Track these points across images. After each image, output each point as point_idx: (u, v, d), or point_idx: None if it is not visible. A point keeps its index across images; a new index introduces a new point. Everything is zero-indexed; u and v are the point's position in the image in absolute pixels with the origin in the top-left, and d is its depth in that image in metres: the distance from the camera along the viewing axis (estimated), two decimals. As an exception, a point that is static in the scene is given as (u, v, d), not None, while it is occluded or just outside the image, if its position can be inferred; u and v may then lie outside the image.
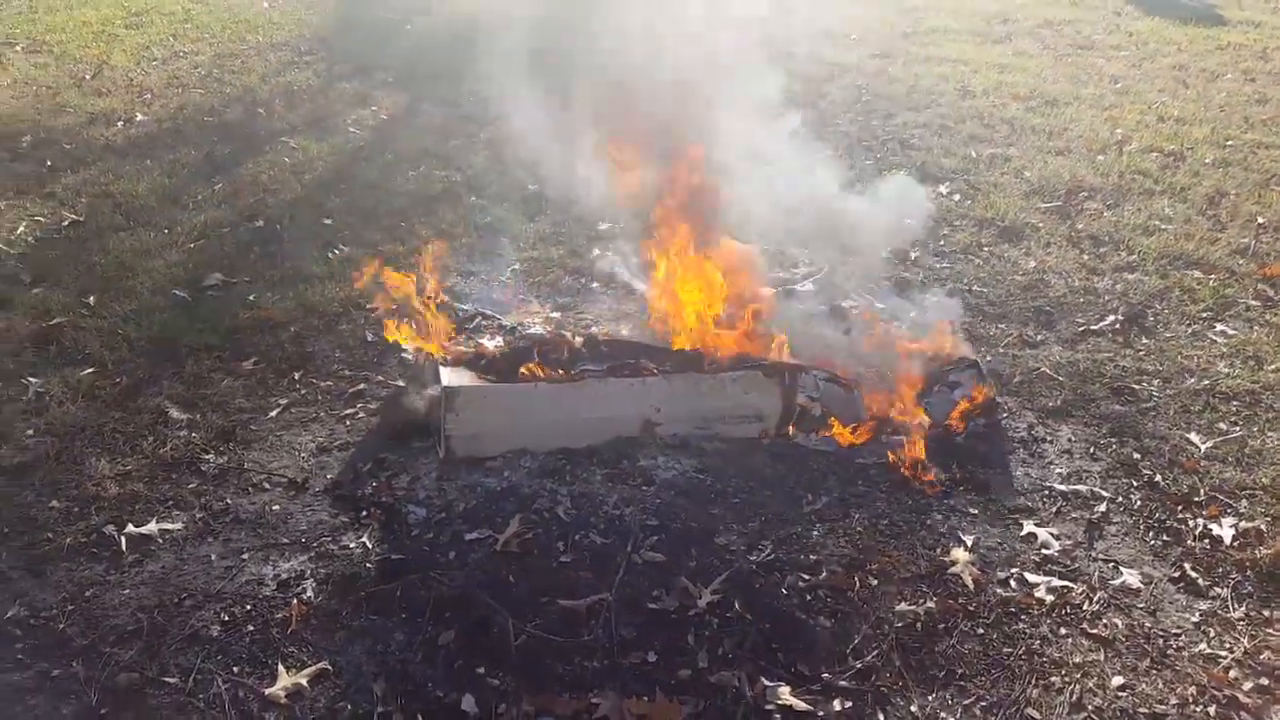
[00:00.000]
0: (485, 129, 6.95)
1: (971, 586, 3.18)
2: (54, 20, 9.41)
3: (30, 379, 4.09)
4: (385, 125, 7.18)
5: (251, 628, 2.96)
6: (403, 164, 6.44)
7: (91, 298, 4.75)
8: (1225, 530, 3.47)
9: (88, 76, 7.94)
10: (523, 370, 3.77)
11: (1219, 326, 4.72)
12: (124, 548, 3.24)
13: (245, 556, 3.23)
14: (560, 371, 3.81)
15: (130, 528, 3.32)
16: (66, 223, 5.55)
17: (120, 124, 7.04)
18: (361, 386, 4.15)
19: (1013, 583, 3.22)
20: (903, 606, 3.08)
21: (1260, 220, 5.79)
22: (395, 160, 6.51)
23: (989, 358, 4.35)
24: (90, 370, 4.20)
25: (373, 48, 8.83)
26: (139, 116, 7.17)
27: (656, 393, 3.71)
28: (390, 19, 9.61)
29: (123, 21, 9.42)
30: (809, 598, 3.08)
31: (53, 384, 4.08)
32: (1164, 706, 2.81)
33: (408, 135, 6.96)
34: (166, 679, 2.78)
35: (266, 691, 2.75)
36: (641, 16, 4.57)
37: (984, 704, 2.79)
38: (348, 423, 3.93)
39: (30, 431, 3.82)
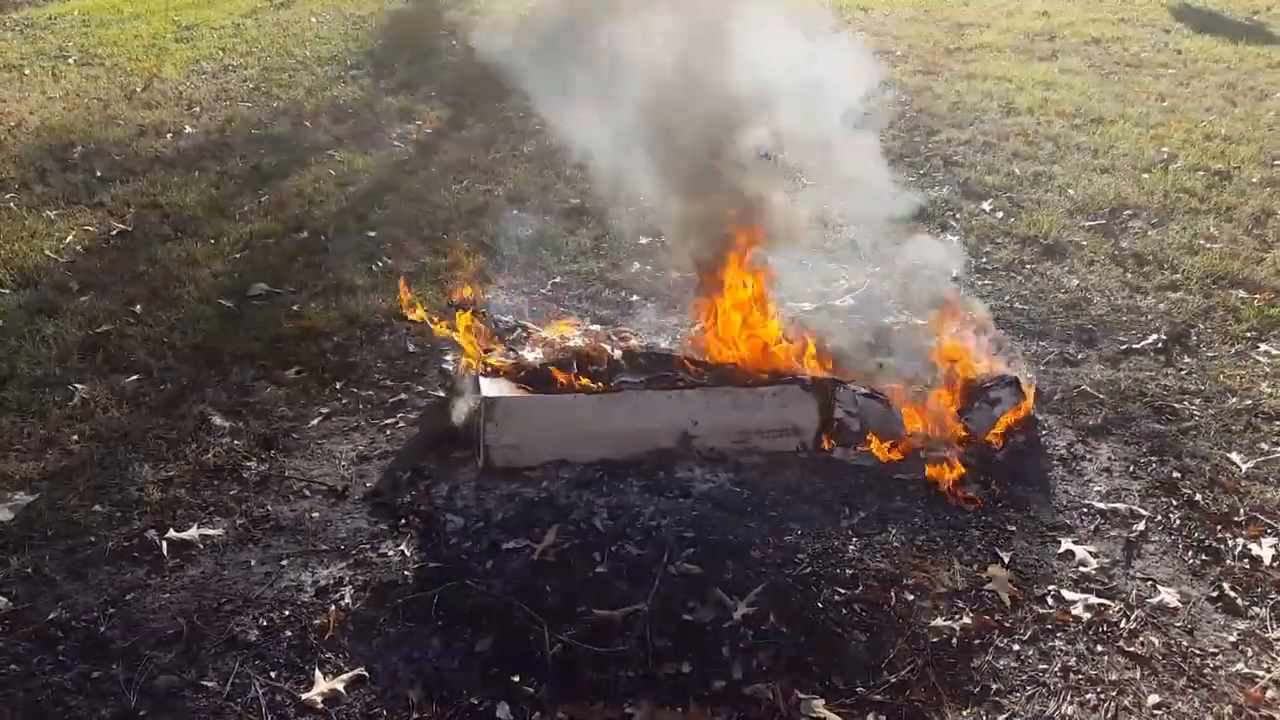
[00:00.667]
0: (527, 142, 7.01)
1: (1008, 603, 3.16)
2: (106, 34, 9.63)
3: (76, 385, 4.17)
4: (429, 139, 7.26)
5: (289, 633, 2.99)
6: (445, 177, 6.51)
7: (138, 306, 4.84)
8: (1265, 550, 3.41)
9: (138, 89, 8.10)
10: (562, 381, 3.79)
11: (1263, 346, 4.65)
12: (165, 552, 3.29)
13: (285, 563, 3.27)
14: (599, 383, 3.82)
15: (172, 533, 3.37)
16: (115, 232, 5.66)
17: (169, 136, 7.18)
18: (402, 396, 4.19)
19: (1049, 600, 3.19)
20: (938, 622, 3.06)
21: (1308, 240, 5.71)
22: (438, 173, 6.58)
23: (1029, 375, 4.31)
24: (135, 377, 4.28)
25: (418, 63, 8.93)
26: (187, 129, 7.31)
27: (694, 405, 3.72)
28: (436, 34, 9.72)
29: (173, 35, 9.61)
30: (844, 611, 3.07)
31: (98, 390, 4.16)
32: (1201, 727, 2.78)
33: (451, 149, 7.03)
34: (205, 683, 2.82)
35: (304, 696, 2.78)
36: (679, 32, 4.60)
37: (1019, 721, 2.77)
38: (388, 432, 3.97)
39: (75, 437, 3.89)
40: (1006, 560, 3.34)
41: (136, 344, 4.51)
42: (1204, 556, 3.41)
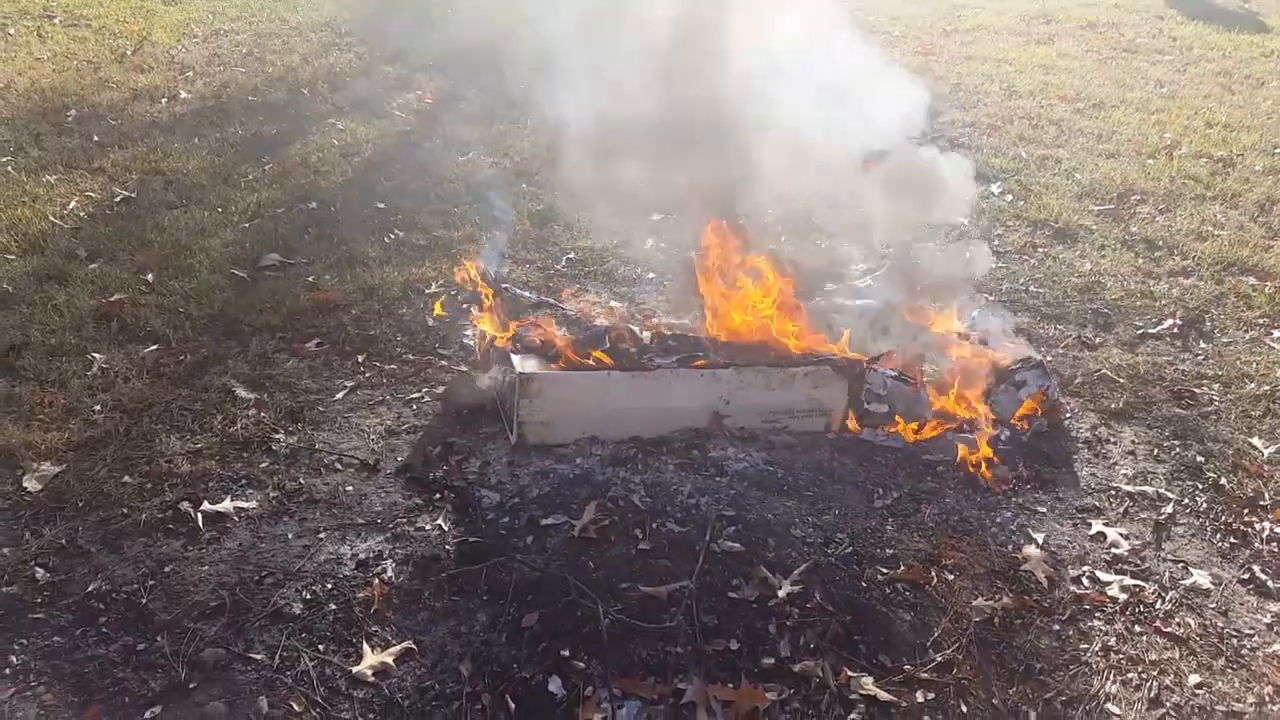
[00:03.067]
0: (530, 115, 6.95)
1: (1045, 583, 3.20)
2: (90, -7, 9.42)
3: (94, 354, 4.11)
4: (430, 109, 7.20)
5: (334, 606, 2.97)
6: (450, 149, 6.46)
7: (150, 275, 4.77)
8: (1292, 535, 3.50)
9: (128, 52, 7.95)
10: (594, 358, 3.78)
11: (1276, 333, 4.74)
12: (200, 525, 3.25)
13: (322, 536, 3.25)
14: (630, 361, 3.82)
15: (206, 505, 3.33)
16: (118, 199, 5.57)
17: (164, 101, 7.07)
18: (426, 370, 4.17)
19: (1085, 580, 3.24)
20: (979, 601, 3.10)
21: (1313, 228, 5.81)
22: (442, 145, 6.53)
23: (1050, 358, 4.36)
24: (154, 347, 4.22)
25: (413, 30, 8.80)
26: (183, 94, 7.20)
27: (727, 385, 3.72)
28: (429, 1, 9.59)
29: (161, -3, 9.43)
30: (888, 591, 3.10)
31: (116, 360, 4.10)
32: (1241, 705, 2.84)
33: (453, 120, 6.97)
34: (253, 655, 2.79)
35: (354, 670, 2.77)
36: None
37: (1064, 698, 2.81)
38: (414, 406, 3.95)
39: (97, 407, 3.83)
40: (1040, 541, 3.38)
41: (152, 313, 4.45)
42: (1232, 539, 3.48)
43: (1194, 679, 2.91)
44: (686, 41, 4.29)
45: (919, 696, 2.77)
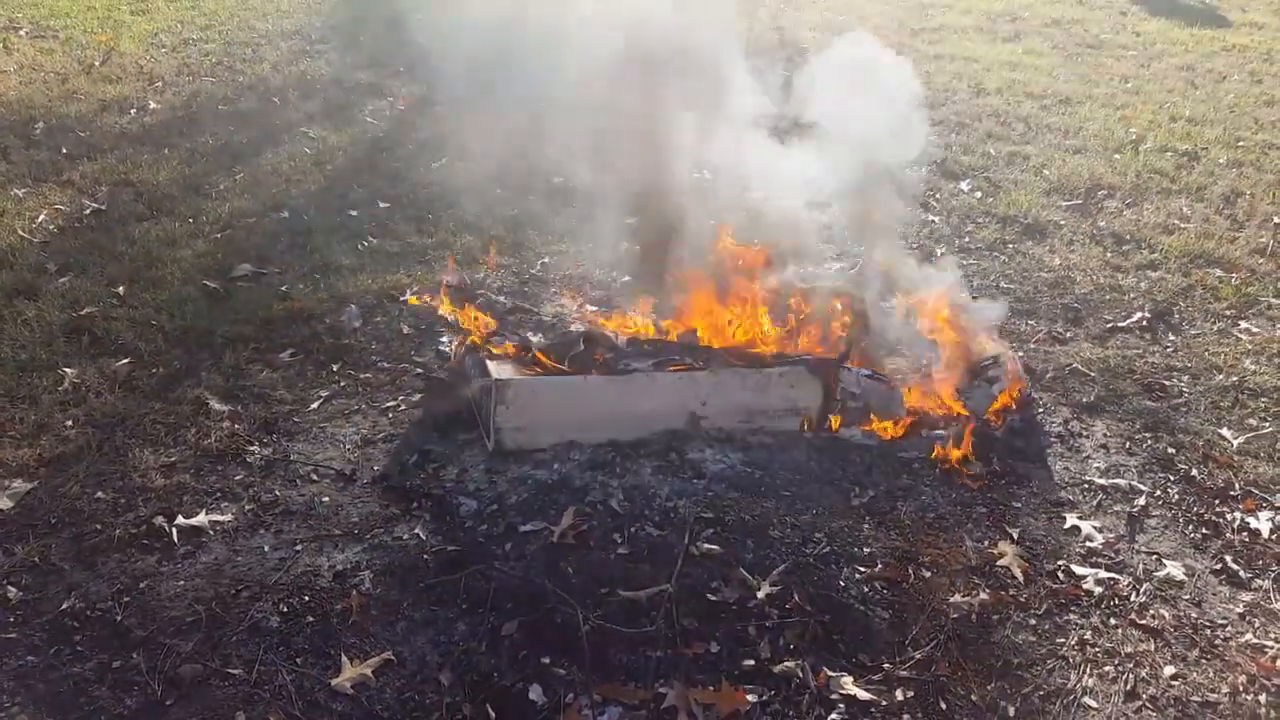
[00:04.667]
0: (503, 121, 6.93)
1: (1021, 578, 3.23)
2: (57, 4, 9.33)
3: (65, 369, 4.07)
4: (403, 116, 7.17)
5: (311, 619, 2.96)
6: (424, 155, 6.44)
7: (121, 288, 4.72)
8: (1263, 524, 3.53)
9: (96, 63, 7.88)
10: (569, 362, 3.79)
11: (1243, 324, 4.79)
12: (175, 539, 3.23)
13: (299, 548, 3.23)
14: (605, 365, 3.82)
15: (180, 519, 3.30)
16: (88, 211, 5.52)
17: (134, 112, 7.00)
18: (401, 378, 4.15)
19: (1060, 575, 3.27)
20: (956, 598, 3.12)
21: (1277, 220, 5.87)
22: (416, 151, 6.51)
23: (1021, 353, 4.40)
24: (126, 361, 4.18)
25: (384, 37, 8.79)
26: (152, 104, 7.13)
27: (704, 387, 3.73)
28: (400, 7, 9.56)
29: (128, 7, 9.35)
30: (866, 590, 3.11)
31: (88, 374, 4.07)
32: (1216, 695, 2.87)
33: (426, 126, 6.94)
34: (230, 670, 2.78)
35: (333, 682, 2.76)
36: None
37: (1041, 693, 2.83)
38: (390, 415, 3.93)
39: (69, 422, 3.80)
40: (1015, 536, 3.41)
41: (123, 326, 4.41)
42: (1204, 530, 3.51)
43: (1169, 670, 2.94)
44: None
45: (898, 695, 2.79)
